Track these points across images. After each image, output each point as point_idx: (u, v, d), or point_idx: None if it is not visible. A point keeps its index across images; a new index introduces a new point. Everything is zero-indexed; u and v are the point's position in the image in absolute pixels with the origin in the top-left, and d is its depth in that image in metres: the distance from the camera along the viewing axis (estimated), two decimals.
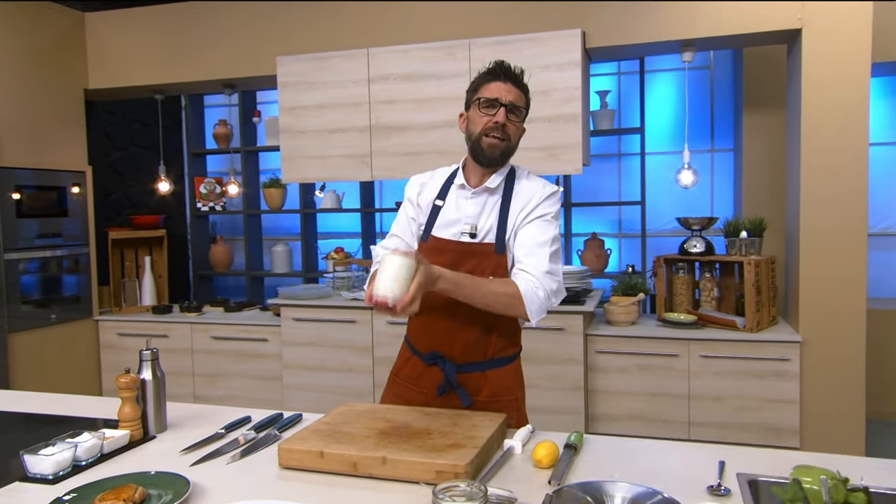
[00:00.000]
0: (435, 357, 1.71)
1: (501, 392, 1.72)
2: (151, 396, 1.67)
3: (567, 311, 3.36)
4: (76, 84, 4.21)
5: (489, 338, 1.70)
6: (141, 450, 1.57)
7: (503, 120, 1.64)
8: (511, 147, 1.70)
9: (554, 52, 3.38)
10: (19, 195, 3.77)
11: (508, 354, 1.75)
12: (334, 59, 3.69)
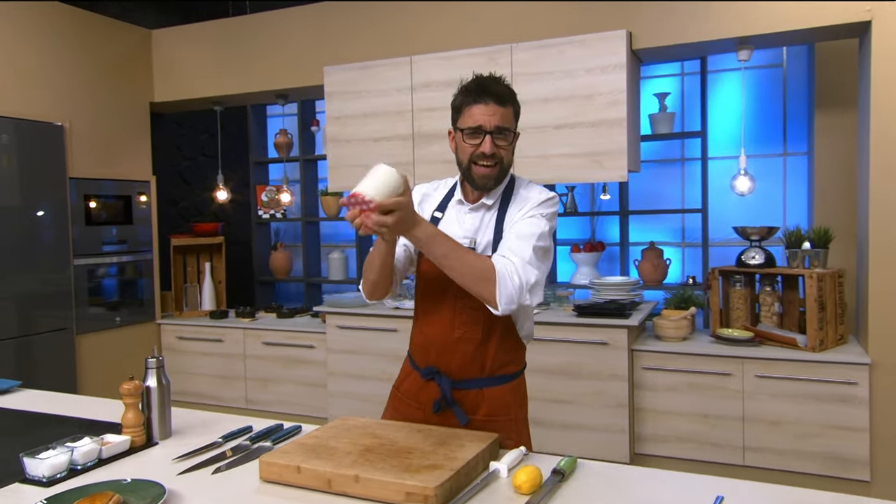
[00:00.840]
0: (432, 372, 1.69)
1: (499, 411, 1.68)
2: (156, 404, 1.74)
3: (610, 325, 3.25)
4: (143, 98, 4.47)
5: (487, 353, 1.66)
6: (140, 456, 1.63)
7: (489, 150, 1.59)
8: (505, 168, 1.65)
9: (598, 55, 3.28)
10: (89, 204, 4.04)
11: (509, 372, 1.70)
12: (378, 67, 3.74)
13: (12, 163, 3.62)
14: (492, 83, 1.63)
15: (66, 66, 3.96)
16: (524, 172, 3.52)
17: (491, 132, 1.58)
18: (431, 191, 1.80)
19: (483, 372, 1.66)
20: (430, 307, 1.70)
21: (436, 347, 1.68)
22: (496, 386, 1.68)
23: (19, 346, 3.64)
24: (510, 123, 1.63)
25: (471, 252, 1.52)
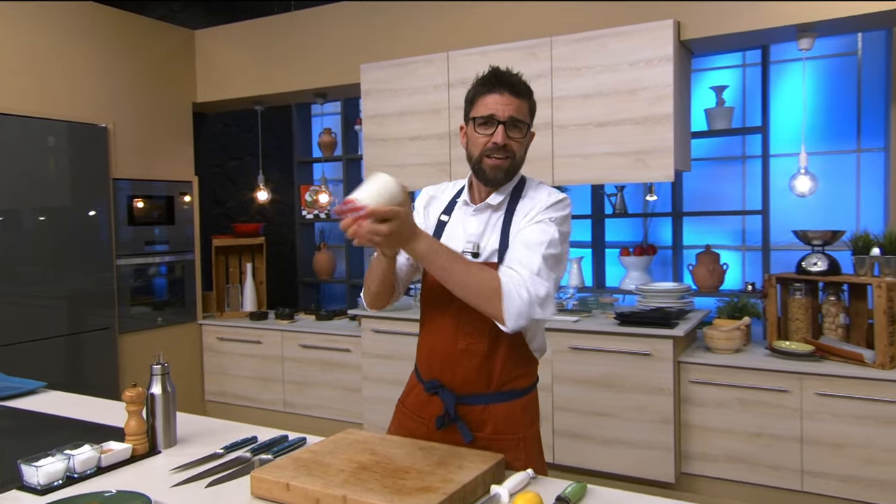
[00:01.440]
0: (435, 386, 1.64)
1: (507, 429, 1.61)
2: (160, 411, 1.75)
3: (654, 335, 3.11)
4: (185, 98, 4.59)
5: (493, 367, 1.60)
6: (141, 465, 1.64)
7: (502, 140, 1.54)
8: (516, 163, 1.60)
9: (643, 47, 3.15)
10: (133, 204, 4.18)
11: (517, 387, 1.63)
12: (414, 64, 3.72)
13: (58, 164, 3.77)
14: (508, 74, 1.59)
15: (111, 68, 4.10)
16: (564, 172, 3.42)
17: (504, 122, 1.54)
18: (438, 193, 1.76)
19: (489, 387, 1.60)
20: (434, 316, 1.65)
21: (439, 359, 1.63)
22: (504, 402, 1.61)
23: (65, 343, 3.79)
24: (525, 117, 1.58)
25: (475, 265, 1.47)
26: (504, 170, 1.57)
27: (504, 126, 1.54)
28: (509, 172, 1.59)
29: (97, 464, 1.58)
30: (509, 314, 1.41)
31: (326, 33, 4.12)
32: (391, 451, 1.54)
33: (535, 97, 3.46)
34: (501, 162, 1.56)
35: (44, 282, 3.72)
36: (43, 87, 3.75)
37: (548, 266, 1.48)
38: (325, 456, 1.52)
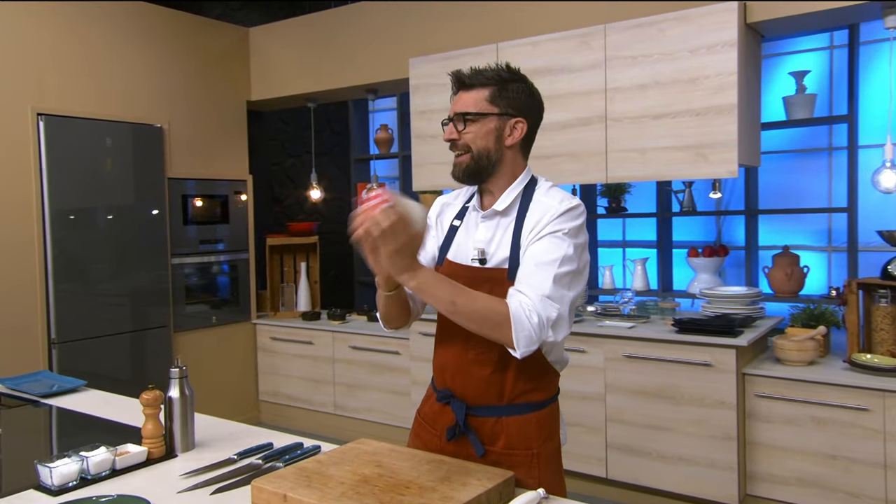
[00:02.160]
0: (447, 396, 1.63)
1: (519, 444, 1.57)
2: (178, 415, 1.80)
3: (714, 344, 2.97)
4: (240, 97, 4.75)
5: (505, 378, 1.57)
6: (155, 468, 1.70)
7: (448, 136, 1.57)
8: (479, 157, 1.55)
9: (704, 32, 3.02)
10: (187, 203, 4.36)
11: (533, 400, 1.60)
12: (463, 57, 3.70)
13: (115, 165, 3.98)
14: (461, 72, 1.61)
15: (166, 68, 4.29)
16: (618, 168, 3.32)
17: (450, 120, 1.58)
18: (451, 199, 1.76)
19: (502, 399, 1.58)
20: (446, 324, 1.64)
21: (451, 369, 1.63)
22: (517, 415, 1.58)
23: (126, 341, 3.99)
24: (478, 107, 1.55)
25: (479, 295, 1.44)
26: (462, 167, 1.57)
27: (451, 123, 1.57)
28: (470, 168, 1.56)
29: (112, 466, 1.65)
30: (519, 341, 1.40)
31: (376, 28, 4.16)
32: (398, 464, 1.53)
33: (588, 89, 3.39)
34: (459, 159, 1.58)
35: (108, 280, 3.93)
36: (101, 89, 3.96)
37: (561, 286, 1.45)
38: (329, 467, 1.53)
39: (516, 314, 1.40)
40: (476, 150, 1.55)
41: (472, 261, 1.59)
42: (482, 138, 1.55)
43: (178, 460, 1.75)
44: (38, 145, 3.66)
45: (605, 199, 4.38)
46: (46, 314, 3.70)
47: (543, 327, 1.41)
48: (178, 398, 1.81)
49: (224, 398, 4.61)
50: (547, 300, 1.42)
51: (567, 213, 1.51)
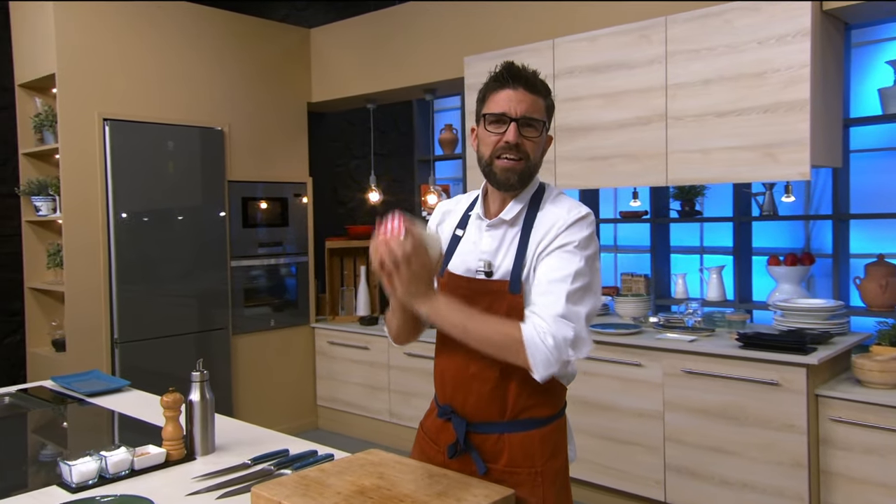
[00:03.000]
0: (447, 411, 1.65)
1: (521, 462, 1.57)
2: (198, 418, 1.91)
3: (783, 362, 2.84)
4: (300, 98, 4.92)
5: (507, 393, 1.57)
6: (172, 470, 1.80)
7: (514, 139, 1.51)
8: (531, 166, 1.57)
9: (775, 21, 2.89)
10: (246, 206, 4.56)
11: (536, 416, 1.59)
12: (519, 54, 3.69)
13: (176, 168, 4.21)
14: (523, 69, 1.57)
15: (227, 71, 4.51)
16: (679, 170, 3.23)
17: (517, 120, 1.52)
18: (453, 206, 1.76)
19: (504, 415, 1.58)
20: (446, 336, 1.65)
21: (451, 383, 1.64)
22: (520, 432, 1.58)
23: (188, 342, 4.22)
24: (541, 115, 1.55)
25: (490, 320, 1.48)
26: (517, 172, 1.54)
27: (517, 124, 1.51)
28: (523, 176, 1.56)
29: (130, 466, 1.76)
30: (537, 365, 1.43)
31: (432, 26, 4.22)
32: (399, 476, 1.57)
33: (648, 85, 3.35)
34: (514, 164, 1.53)
35: (169, 282, 4.17)
36: (164, 93, 4.21)
37: (575, 302, 1.46)
38: (331, 476, 1.59)
39: (530, 339, 1.43)
40: (534, 160, 1.56)
41: (477, 272, 1.59)
42: (538, 148, 1.57)
43: (196, 463, 1.85)
44: (103, 149, 3.92)
45: (678, 201, 4.26)
46: (110, 314, 3.96)
47: (561, 349, 1.43)
48: (199, 401, 1.91)
49: (282, 402, 4.78)
50: (561, 320, 1.43)
51: (576, 223, 1.51)
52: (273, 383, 4.73)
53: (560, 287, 1.45)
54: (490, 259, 1.59)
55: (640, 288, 4.28)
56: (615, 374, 3.32)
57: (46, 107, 4.06)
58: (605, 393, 3.35)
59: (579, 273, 1.47)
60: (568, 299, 1.44)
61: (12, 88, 4.13)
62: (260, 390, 4.67)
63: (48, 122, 3.96)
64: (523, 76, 1.54)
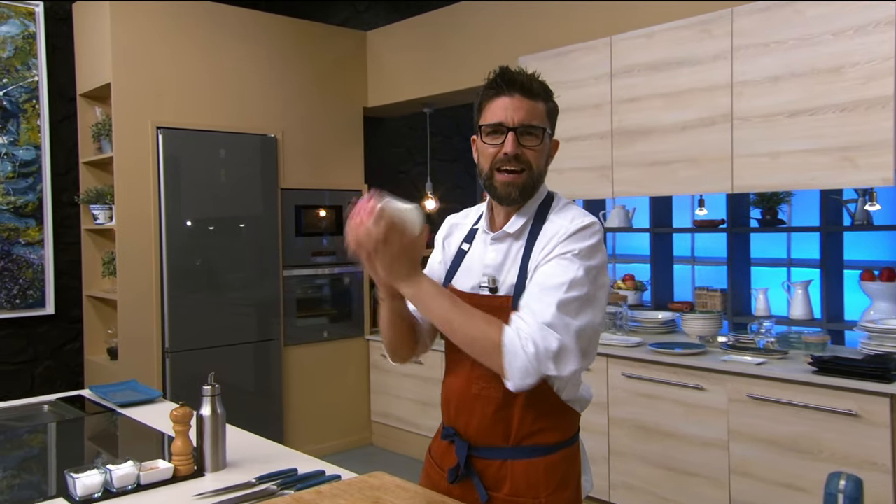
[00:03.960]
0: (450, 434, 1.64)
1: (524, 492, 1.54)
2: (209, 433, 1.95)
3: (862, 390, 2.66)
4: (356, 103, 5.01)
5: (511, 417, 1.54)
6: (178, 486, 1.84)
7: (513, 150, 1.49)
8: (534, 176, 1.54)
9: (852, 10, 2.73)
10: (299, 214, 4.67)
11: (542, 443, 1.55)
12: (574, 53, 3.65)
13: (228, 176, 4.36)
14: (519, 73, 1.55)
15: (281, 76, 4.64)
16: (745, 176, 3.10)
17: (514, 129, 1.49)
18: (461, 219, 1.75)
19: (508, 439, 1.56)
20: (452, 355, 1.65)
21: (454, 404, 1.63)
22: (524, 459, 1.55)
23: (230, 353, 4.36)
24: (542, 121, 1.53)
25: (476, 315, 1.44)
26: (518, 186, 1.52)
27: (515, 133, 1.49)
28: (526, 188, 1.53)
29: (136, 481, 1.82)
30: (512, 372, 1.39)
31: (485, 26, 4.21)
32: (395, 502, 1.55)
33: (711, 83, 3.25)
34: (515, 177, 1.51)
35: (220, 291, 4.32)
36: (216, 100, 4.37)
37: (566, 313, 1.41)
38: (325, 499, 1.59)
39: (509, 343, 1.39)
40: (537, 170, 1.54)
41: (481, 288, 1.58)
42: (541, 157, 1.55)
43: (205, 479, 1.89)
44: (156, 158, 4.11)
45: (759, 209, 4.07)
46: (161, 323, 4.13)
47: (541, 360, 1.38)
48: (209, 416, 1.95)
49: (335, 417, 4.85)
50: (546, 329, 1.39)
51: (578, 232, 1.47)
52: (325, 397, 4.81)
53: (552, 294, 1.41)
54: (494, 274, 1.57)
55: (715, 304, 4.11)
56: (676, 397, 3.20)
57: (105, 116, 4.28)
58: (666, 418, 3.23)
59: (576, 282, 1.43)
60: (559, 308, 1.40)
61: (75, 98, 4.39)
62: (312, 404, 4.75)
63: (105, 131, 4.18)
64: (518, 81, 1.52)
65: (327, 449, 4.72)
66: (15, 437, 2.35)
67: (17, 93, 4.17)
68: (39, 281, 4.25)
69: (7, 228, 4.14)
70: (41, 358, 4.31)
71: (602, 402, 3.47)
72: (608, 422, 3.46)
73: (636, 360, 3.30)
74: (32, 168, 4.23)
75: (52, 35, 4.29)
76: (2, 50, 4.12)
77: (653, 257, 4.66)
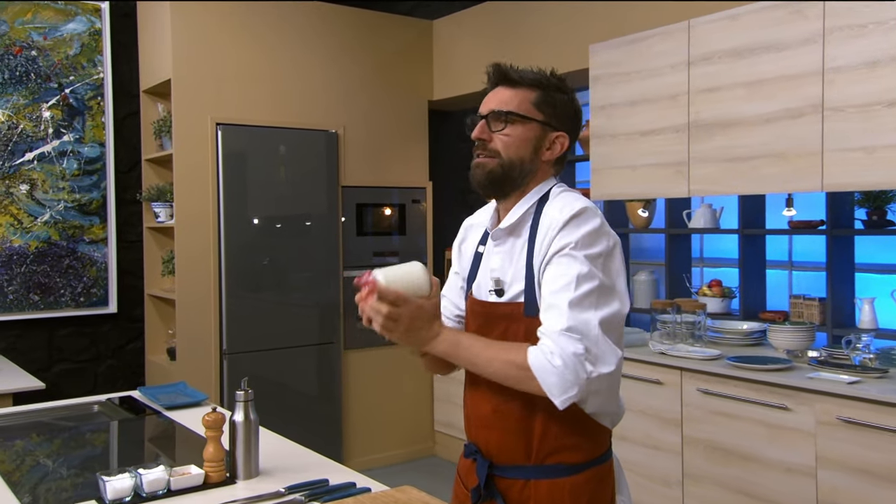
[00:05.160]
0: (472, 451, 1.65)
1: None
2: (241, 439, 2.00)
3: None
4: (421, 97, 5.05)
5: (532, 433, 1.54)
6: (211, 493, 1.90)
7: (477, 134, 1.55)
8: (507, 165, 1.54)
9: None
10: (360, 213, 4.74)
11: (566, 462, 1.54)
12: (649, 39, 3.57)
13: (288, 173, 4.47)
14: (507, 66, 1.60)
15: (343, 70, 4.72)
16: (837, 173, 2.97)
17: (485, 116, 1.56)
18: (477, 221, 1.77)
19: (530, 457, 1.55)
20: None
21: (474, 419, 1.65)
22: (547, 479, 1.54)
23: (288, 356, 4.47)
24: (521, 109, 1.55)
25: (502, 349, 1.48)
26: (487, 169, 1.55)
27: (486, 120, 1.55)
28: (494, 175, 1.55)
29: (167, 486, 1.89)
30: (551, 390, 1.41)
31: (555, 12, 4.17)
32: None
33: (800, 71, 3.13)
34: (483, 160, 1.55)
35: (278, 292, 4.44)
36: (276, 95, 4.49)
37: (582, 309, 1.40)
38: None
39: (537, 364, 1.40)
40: (507, 158, 1.55)
41: (489, 293, 1.58)
42: (519, 145, 1.55)
43: (236, 487, 1.94)
44: (216, 155, 4.26)
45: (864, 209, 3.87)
46: (219, 324, 4.28)
47: (573, 367, 1.38)
48: (242, 422, 2.00)
49: (396, 426, 4.90)
50: (565, 335, 1.39)
51: (571, 221, 1.46)
52: (386, 404, 4.86)
53: (562, 297, 1.42)
54: (499, 276, 1.57)
55: (812, 314, 3.93)
56: (758, 417, 3.08)
57: (166, 112, 4.46)
58: (746, 439, 3.11)
59: (582, 276, 1.42)
60: (572, 308, 1.40)
61: (138, 95, 4.60)
62: (372, 411, 4.82)
63: (166, 128, 4.36)
64: (502, 71, 1.58)
65: (388, 459, 4.78)
66: (58, 437, 2.48)
67: (83, 90, 4.41)
68: (103, 279, 4.47)
69: (72, 226, 4.38)
70: (103, 357, 4.53)
71: (675, 418, 3.38)
72: (682, 441, 3.36)
73: (712, 375, 3.20)
74: (97, 165, 4.46)
75: (117, 31, 4.51)
76: (69, 47, 4.35)
77: (742, 261, 4.49)
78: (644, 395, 3.56)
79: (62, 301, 4.33)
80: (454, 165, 5.55)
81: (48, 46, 4.28)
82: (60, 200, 4.33)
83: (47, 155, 4.30)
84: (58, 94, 4.32)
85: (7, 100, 4.17)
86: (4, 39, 4.15)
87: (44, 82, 4.27)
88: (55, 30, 4.30)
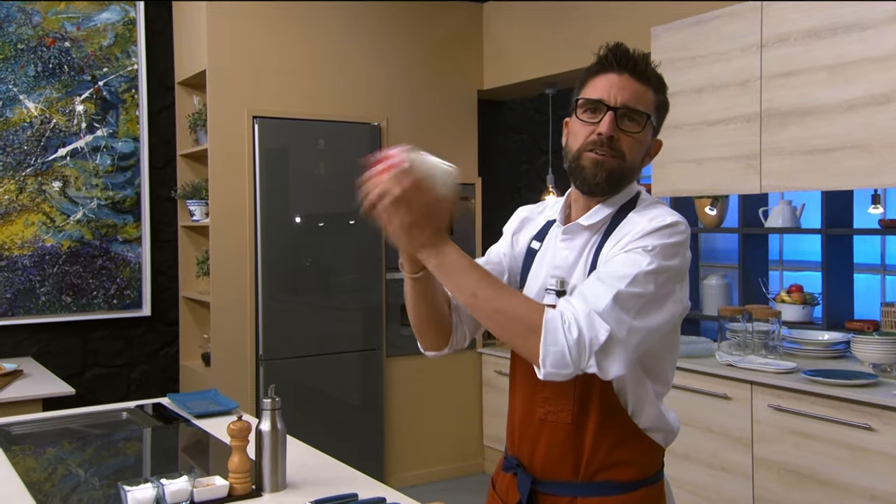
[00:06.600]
0: (512, 465, 1.64)
1: None
2: (268, 450, 2.03)
3: None
4: (470, 86, 5.04)
5: (582, 445, 1.52)
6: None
7: (608, 131, 1.47)
8: (626, 168, 1.51)
9: None
10: None
11: (617, 479, 1.52)
12: (716, 20, 3.55)
13: (328, 168, 4.52)
14: (633, 52, 1.54)
15: (386, 59, 4.73)
16: None
17: (615, 108, 1.47)
18: (535, 214, 1.75)
19: (577, 473, 1.53)
20: (515, 371, 1.67)
21: (518, 431, 1.63)
22: (596, 496, 1.52)
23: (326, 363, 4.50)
24: (647, 108, 1.50)
25: (513, 294, 1.45)
26: (608, 169, 1.49)
27: (615, 114, 1.47)
28: (614, 176, 1.50)
29: (190, 497, 1.93)
30: (546, 356, 1.35)
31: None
32: None
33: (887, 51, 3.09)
34: (604, 158, 1.48)
35: (318, 295, 4.49)
36: (315, 87, 4.52)
37: (625, 308, 1.36)
38: None
39: (551, 323, 1.34)
40: (630, 161, 1.52)
41: (546, 293, 1.56)
42: (640, 149, 1.54)
43: (263, 500, 1.97)
44: (252, 150, 4.32)
45: None
46: (255, 329, 4.34)
47: (583, 350, 1.33)
48: (269, 432, 2.02)
49: (442, 439, 4.90)
50: (597, 317, 1.34)
51: (658, 231, 1.43)
52: (432, 416, 4.86)
53: (611, 285, 1.37)
54: (564, 275, 1.54)
55: None
56: (839, 437, 2.99)
57: (202, 105, 4.54)
58: (824, 462, 3.03)
59: (641, 278, 1.38)
60: (616, 300, 1.35)
61: (173, 87, 4.70)
62: (416, 423, 4.83)
63: (201, 122, 4.43)
64: (632, 60, 1.51)
65: (432, 475, 4.78)
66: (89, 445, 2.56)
67: (117, 82, 4.52)
68: (136, 280, 4.57)
69: (105, 225, 4.48)
70: (137, 362, 4.63)
71: (745, 437, 3.30)
72: (752, 462, 3.29)
73: (786, 390, 3.12)
74: (131, 161, 4.57)
75: (152, 20, 4.61)
76: (103, 38, 4.47)
77: (825, 264, 4.36)
78: (709, 411, 3.50)
79: (95, 303, 4.44)
80: (506, 159, 5.54)
81: (81, 37, 4.40)
82: (94, 198, 4.44)
83: (80, 150, 4.41)
84: (91, 87, 4.43)
85: (40, 94, 4.30)
86: (38, 31, 4.28)
87: (77, 75, 4.39)
88: (88, 20, 4.42)
